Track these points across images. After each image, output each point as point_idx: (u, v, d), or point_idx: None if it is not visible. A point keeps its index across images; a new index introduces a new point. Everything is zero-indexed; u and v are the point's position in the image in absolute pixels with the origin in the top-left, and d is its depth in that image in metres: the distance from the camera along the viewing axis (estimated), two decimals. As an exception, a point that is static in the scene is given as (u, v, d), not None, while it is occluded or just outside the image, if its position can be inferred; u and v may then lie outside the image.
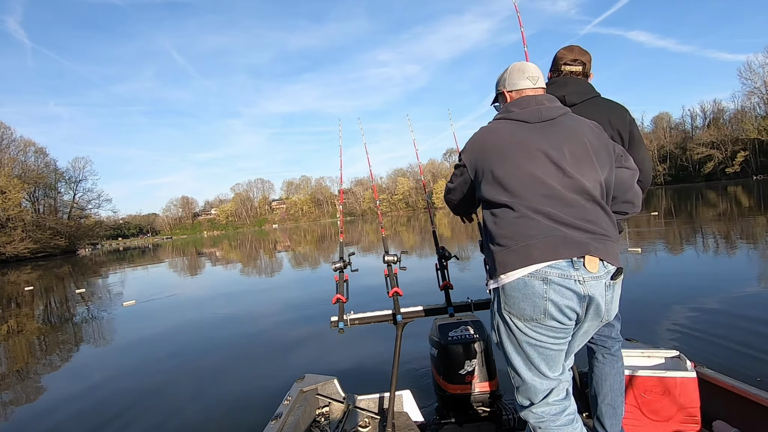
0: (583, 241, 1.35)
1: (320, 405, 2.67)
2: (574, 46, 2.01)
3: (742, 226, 12.20)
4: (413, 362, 3.90)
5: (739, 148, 70.34)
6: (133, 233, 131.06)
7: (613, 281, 1.39)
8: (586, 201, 1.42)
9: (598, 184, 1.45)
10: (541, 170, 1.42)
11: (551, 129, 1.49)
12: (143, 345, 6.20)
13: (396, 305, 2.42)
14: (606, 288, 1.37)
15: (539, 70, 1.64)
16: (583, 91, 1.93)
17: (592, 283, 1.34)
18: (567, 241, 1.34)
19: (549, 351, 1.42)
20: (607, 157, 1.50)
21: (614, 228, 1.47)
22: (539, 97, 1.56)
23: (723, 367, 3.10)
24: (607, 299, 1.39)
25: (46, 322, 9.29)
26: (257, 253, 24.36)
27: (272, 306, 8.06)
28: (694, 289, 5.82)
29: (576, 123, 1.53)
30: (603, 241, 1.37)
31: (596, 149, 1.48)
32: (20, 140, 60.05)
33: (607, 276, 1.37)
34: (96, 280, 18.05)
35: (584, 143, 1.47)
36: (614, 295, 1.43)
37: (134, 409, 3.85)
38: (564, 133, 1.48)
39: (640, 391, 2.25)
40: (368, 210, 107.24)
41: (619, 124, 1.88)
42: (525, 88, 1.60)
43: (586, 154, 1.46)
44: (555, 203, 1.39)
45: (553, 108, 1.53)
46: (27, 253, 52.02)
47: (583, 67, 1.99)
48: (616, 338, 2.01)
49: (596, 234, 1.37)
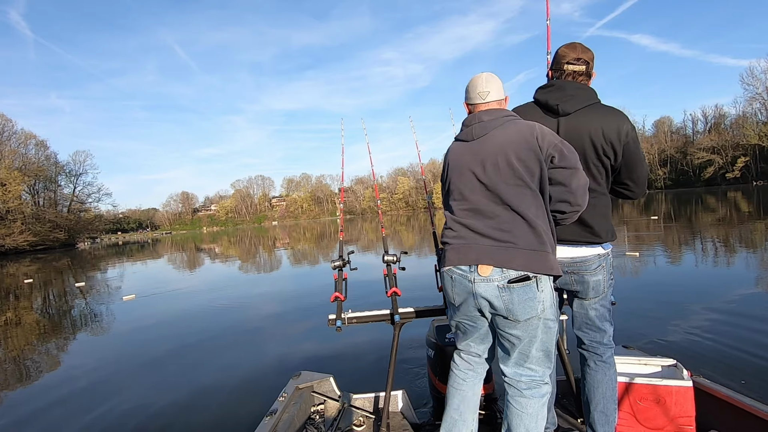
0: (483, 250, 1.65)
1: (315, 403, 2.67)
2: (576, 44, 1.92)
3: (741, 231, 12.20)
4: (410, 362, 3.90)
5: (740, 154, 70.41)
6: (133, 228, 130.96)
7: (510, 285, 1.60)
8: (504, 211, 1.66)
9: (520, 193, 1.65)
10: (468, 188, 1.74)
11: (480, 147, 1.73)
12: (140, 339, 6.19)
13: (394, 305, 2.42)
14: (500, 290, 1.61)
15: (492, 84, 1.79)
16: (580, 97, 1.85)
17: (481, 284, 1.64)
18: (470, 251, 1.67)
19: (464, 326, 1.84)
20: (535, 163, 1.64)
21: (533, 234, 1.62)
22: (480, 114, 1.77)
23: (719, 374, 3.11)
24: (505, 299, 1.61)
25: (44, 314, 9.28)
26: (256, 250, 24.37)
27: (270, 303, 8.06)
28: (692, 296, 5.82)
29: (505, 135, 1.70)
30: (506, 249, 1.62)
31: (522, 158, 1.65)
32: (21, 132, 59.98)
33: (503, 280, 1.60)
34: (96, 275, 18.03)
35: (507, 156, 1.66)
36: (514, 297, 1.60)
37: (130, 403, 3.85)
38: (490, 149, 1.70)
39: (635, 398, 2.25)
40: (368, 208, 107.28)
41: (612, 136, 1.80)
42: (476, 103, 1.81)
43: (508, 166, 1.65)
44: (475, 216, 1.71)
45: (487, 124, 1.73)
46: (26, 246, 51.94)
47: (587, 67, 1.90)
48: (608, 345, 2.01)
49: (502, 242, 1.63)
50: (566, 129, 1.85)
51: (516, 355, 1.70)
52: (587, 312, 2.00)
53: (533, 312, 1.62)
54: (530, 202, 1.64)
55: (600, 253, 1.91)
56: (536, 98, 1.98)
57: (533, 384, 1.71)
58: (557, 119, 1.88)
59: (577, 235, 1.90)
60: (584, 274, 1.91)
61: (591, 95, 1.87)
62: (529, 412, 1.69)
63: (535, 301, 1.61)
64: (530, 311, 1.62)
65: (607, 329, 2.00)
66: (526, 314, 1.62)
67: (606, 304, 2.00)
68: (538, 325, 1.66)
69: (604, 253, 1.93)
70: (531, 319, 1.63)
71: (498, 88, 1.79)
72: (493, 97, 1.78)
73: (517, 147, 1.65)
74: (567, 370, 2.40)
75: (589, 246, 1.91)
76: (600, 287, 1.94)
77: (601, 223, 1.90)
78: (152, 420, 3.48)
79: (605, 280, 1.94)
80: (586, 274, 1.91)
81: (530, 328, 1.65)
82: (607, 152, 1.82)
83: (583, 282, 1.93)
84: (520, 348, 1.68)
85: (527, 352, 1.68)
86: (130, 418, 3.55)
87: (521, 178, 1.64)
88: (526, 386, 1.71)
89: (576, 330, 2.06)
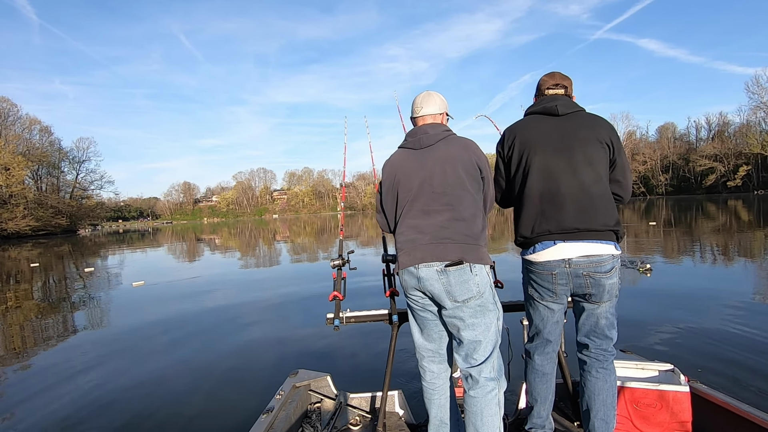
0: (427, 249, 1.88)
1: (312, 401, 2.69)
2: (555, 73, 2.16)
3: (740, 239, 12.20)
4: (407, 363, 3.91)
5: (742, 162, 70.30)
6: (134, 216, 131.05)
7: (447, 268, 1.83)
8: (447, 211, 1.90)
9: (462, 196, 1.90)
10: (416, 191, 1.95)
11: (428, 155, 1.97)
12: (145, 328, 6.21)
13: (393, 305, 2.43)
14: (438, 273, 1.84)
15: (426, 101, 2.09)
16: (570, 105, 2.06)
17: (423, 269, 1.87)
18: (416, 251, 1.90)
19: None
20: (476, 171, 1.95)
21: (469, 231, 1.88)
22: (425, 127, 2.05)
23: (716, 379, 3.12)
24: (444, 281, 1.84)
25: (59, 299, 9.33)
26: (256, 243, 24.39)
27: (268, 299, 8.06)
28: (691, 301, 5.82)
29: (449, 147, 1.97)
30: (445, 245, 1.86)
31: (466, 167, 1.93)
32: (26, 118, 60.03)
33: (441, 265, 1.84)
34: (102, 261, 18.14)
35: (453, 164, 1.92)
36: (451, 279, 1.83)
37: (127, 396, 3.87)
38: (438, 158, 1.95)
39: (632, 402, 2.27)
40: (369, 204, 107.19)
41: (608, 130, 2.01)
42: (416, 116, 2.11)
43: (454, 173, 1.91)
44: (423, 216, 1.93)
45: (432, 136, 2.00)
46: (28, 231, 52.07)
47: (565, 90, 2.13)
48: (611, 352, 2.02)
49: (441, 239, 1.87)
50: (566, 125, 2.01)
51: (465, 346, 1.89)
52: (597, 321, 1.99)
53: (470, 293, 1.84)
54: (469, 204, 1.91)
55: (614, 253, 1.91)
56: (531, 111, 2.14)
57: (480, 382, 1.86)
58: (556, 119, 2.04)
59: (591, 219, 1.91)
60: (600, 277, 1.90)
61: (577, 105, 2.10)
62: (473, 411, 1.85)
63: (471, 283, 1.84)
64: (467, 292, 1.84)
65: (614, 337, 2.01)
66: (464, 295, 1.84)
67: (614, 310, 2.01)
68: (477, 309, 1.86)
69: (617, 254, 1.93)
70: (469, 300, 1.85)
71: (434, 105, 2.09)
72: (426, 112, 2.08)
73: (461, 158, 1.94)
74: (564, 374, 2.41)
75: (603, 242, 1.90)
76: (614, 290, 1.95)
77: (611, 209, 1.95)
78: (149, 414, 3.49)
79: (618, 283, 1.96)
80: (603, 276, 1.90)
81: (469, 310, 1.85)
82: (607, 142, 1.99)
83: (598, 285, 1.91)
84: (466, 335, 1.88)
85: (473, 338, 1.87)
86: (129, 412, 3.56)
87: (463, 184, 1.91)
88: (471, 384, 1.88)
89: (582, 337, 2.07)
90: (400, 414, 2.57)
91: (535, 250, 1.98)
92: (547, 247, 1.94)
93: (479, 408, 1.84)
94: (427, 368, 2.10)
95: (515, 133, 2.08)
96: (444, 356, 2.10)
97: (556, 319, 2.11)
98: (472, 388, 1.87)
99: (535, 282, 2.05)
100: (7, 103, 57.33)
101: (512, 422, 2.40)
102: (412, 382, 3.51)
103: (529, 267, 2.06)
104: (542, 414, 2.20)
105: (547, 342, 2.15)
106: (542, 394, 2.19)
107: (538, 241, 1.97)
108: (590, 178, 1.93)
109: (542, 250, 1.95)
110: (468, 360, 1.90)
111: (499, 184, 2.19)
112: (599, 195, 1.93)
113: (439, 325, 2.03)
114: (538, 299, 2.08)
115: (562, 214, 1.92)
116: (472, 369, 1.88)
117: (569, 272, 1.92)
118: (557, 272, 1.94)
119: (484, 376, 1.86)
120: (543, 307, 2.09)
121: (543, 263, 1.96)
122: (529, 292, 2.13)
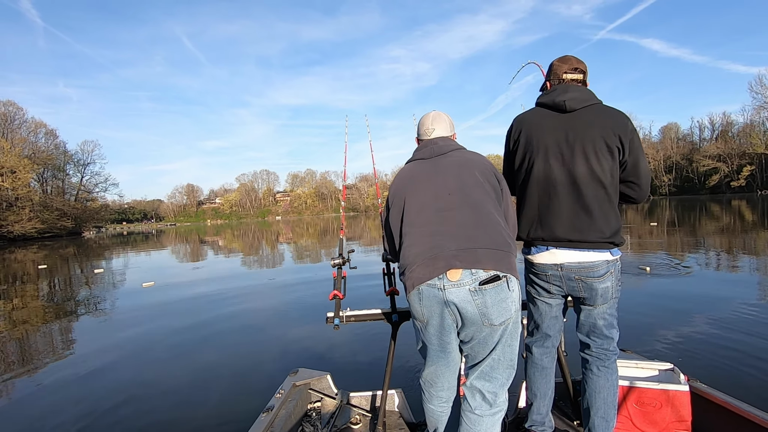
0: (452, 255, 1.61)
1: (312, 400, 2.69)
2: (570, 56, 2.04)
3: (744, 240, 12.14)
4: (407, 362, 3.92)
5: (746, 162, 69.96)
6: (138, 218, 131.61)
7: (482, 286, 1.57)
8: (471, 214, 1.70)
9: (485, 200, 1.74)
10: (433, 195, 1.77)
11: (442, 161, 1.85)
12: (153, 327, 6.24)
13: (393, 304, 2.43)
14: (472, 293, 1.57)
15: (437, 122, 1.97)
16: (583, 98, 1.94)
17: (452, 290, 1.58)
18: (438, 260, 1.61)
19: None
20: (494, 180, 1.82)
21: (499, 236, 1.67)
22: (435, 139, 1.94)
23: (716, 379, 3.11)
24: (479, 303, 1.58)
25: (69, 300, 9.37)
26: (259, 244, 24.43)
27: (269, 299, 8.09)
28: (692, 301, 5.80)
29: (465, 155, 1.87)
30: (474, 251, 1.60)
31: (484, 174, 1.80)
32: (31, 121, 60.45)
33: (474, 282, 1.57)
34: (108, 262, 18.22)
35: (471, 170, 1.80)
36: (487, 299, 1.58)
37: (126, 395, 3.88)
38: (454, 163, 1.83)
39: (632, 402, 2.27)
40: (371, 206, 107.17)
41: (620, 130, 1.88)
42: (423, 138, 1.98)
43: (471, 177, 1.78)
44: (443, 221, 1.71)
45: (443, 146, 1.89)
46: (34, 233, 52.43)
47: (583, 75, 2.02)
48: (613, 351, 2.02)
49: (469, 244, 1.62)
50: (575, 124, 1.92)
51: (485, 362, 1.68)
52: (595, 321, 2.00)
53: (507, 314, 1.61)
54: (492, 208, 1.75)
55: (609, 259, 1.89)
56: (540, 102, 2.05)
57: (493, 404, 1.69)
58: (564, 116, 1.95)
59: (585, 231, 1.88)
60: (592, 281, 1.90)
61: (593, 95, 1.97)
62: (477, 430, 1.69)
63: (509, 302, 1.61)
64: (505, 313, 1.61)
65: (615, 336, 2.01)
66: (501, 317, 1.60)
67: (614, 311, 2.00)
68: (509, 328, 1.64)
69: (613, 259, 1.91)
70: (505, 321, 1.62)
71: (444, 126, 1.98)
72: (438, 134, 1.96)
73: (478, 163, 1.84)
74: (564, 373, 2.41)
75: (596, 251, 1.88)
76: (608, 294, 1.93)
77: (611, 219, 1.89)
78: (148, 411, 3.50)
79: (614, 286, 1.94)
80: (594, 280, 1.90)
81: (502, 332, 1.63)
82: (617, 144, 1.88)
83: (591, 289, 1.92)
84: (486, 356, 1.67)
85: (497, 357, 1.66)
86: (126, 409, 3.57)
87: (482, 186, 1.78)
88: (480, 403, 1.70)
89: (582, 336, 2.07)
90: (400, 413, 2.58)
91: (531, 252, 2.04)
92: (541, 251, 2.00)
93: (483, 428, 1.69)
94: (435, 395, 1.88)
95: (521, 127, 2.06)
96: (456, 383, 1.90)
97: (554, 314, 2.15)
98: (479, 408, 1.69)
99: (533, 279, 2.11)
100: (13, 106, 57.81)
101: (512, 421, 2.41)
102: (412, 381, 3.51)
103: (527, 265, 2.12)
104: (542, 410, 2.20)
105: (546, 336, 2.17)
106: (542, 389, 2.19)
107: (533, 245, 2.03)
108: (590, 189, 1.89)
109: (537, 253, 2.02)
110: (484, 377, 1.69)
111: (503, 171, 2.18)
112: (598, 206, 1.89)
113: (453, 358, 1.79)
114: (536, 295, 2.14)
115: (556, 224, 1.93)
116: (486, 387, 1.69)
117: (561, 275, 1.96)
118: (550, 274, 2.00)
119: (498, 399, 1.70)
120: (541, 303, 2.14)
121: (538, 264, 2.03)
122: (527, 288, 2.18)
